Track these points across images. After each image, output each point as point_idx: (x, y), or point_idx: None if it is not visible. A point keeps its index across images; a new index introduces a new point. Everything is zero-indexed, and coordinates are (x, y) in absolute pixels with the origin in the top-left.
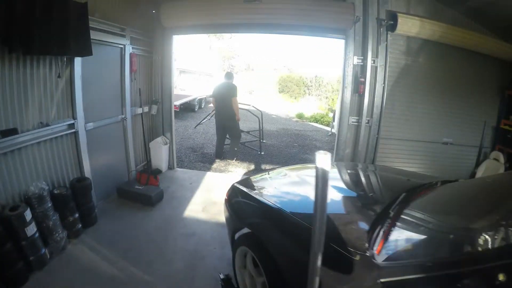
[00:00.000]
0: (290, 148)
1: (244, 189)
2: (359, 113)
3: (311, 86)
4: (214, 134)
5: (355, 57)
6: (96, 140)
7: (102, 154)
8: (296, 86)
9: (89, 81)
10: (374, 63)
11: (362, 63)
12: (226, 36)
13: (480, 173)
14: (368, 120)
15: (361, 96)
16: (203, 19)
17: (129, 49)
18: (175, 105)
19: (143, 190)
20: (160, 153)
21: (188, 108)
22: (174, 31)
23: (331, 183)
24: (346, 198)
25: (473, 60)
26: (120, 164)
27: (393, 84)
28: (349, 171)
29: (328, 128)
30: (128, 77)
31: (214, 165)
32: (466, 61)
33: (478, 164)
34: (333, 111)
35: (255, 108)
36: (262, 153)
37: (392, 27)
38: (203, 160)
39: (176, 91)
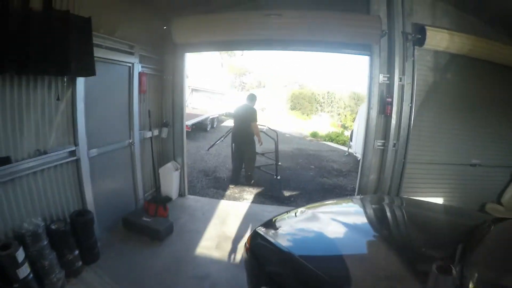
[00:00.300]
0: (307, 170)
1: (269, 237)
2: (385, 136)
3: (323, 102)
4: (227, 156)
5: (381, 75)
6: (100, 167)
7: (107, 183)
8: (308, 103)
9: (93, 103)
10: (401, 81)
11: (388, 82)
12: (238, 52)
13: (508, 194)
14: (395, 143)
15: (388, 117)
16: (218, 35)
17: (138, 68)
18: (186, 126)
19: (151, 223)
20: (171, 180)
21: (200, 128)
22: (187, 48)
23: (362, 227)
24: (391, 255)
25: (502, 74)
26: (127, 193)
27: (421, 104)
28: (379, 211)
29: (344, 148)
30: (136, 98)
31: (228, 192)
32: (495, 76)
33: None
34: (351, 130)
35: (270, 128)
36: (279, 177)
37: (420, 42)
38: (216, 186)
39: (187, 110)
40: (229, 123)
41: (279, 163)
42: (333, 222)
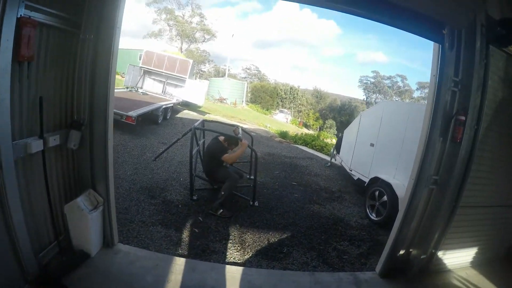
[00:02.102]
0: (289, 189)
1: None
2: (439, 169)
3: (285, 98)
4: (182, 162)
5: (450, 79)
6: None
7: None
8: (269, 97)
9: None
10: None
11: (456, 89)
12: (199, 39)
13: None
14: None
15: (455, 144)
16: None
17: (16, 9)
18: (131, 117)
19: None
20: (85, 223)
21: (148, 120)
22: None
23: None
24: None
25: None
26: None
27: (487, 126)
28: None
29: (323, 156)
30: (8, 71)
31: (185, 235)
32: None
33: None
34: (338, 138)
35: (244, 131)
36: (256, 203)
37: (505, 40)
38: (166, 220)
39: (134, 95)
40: (186, 114)
41: (251, 177)
42: None
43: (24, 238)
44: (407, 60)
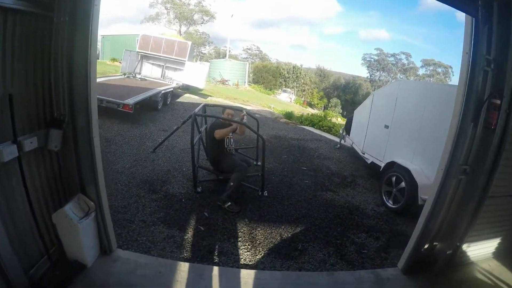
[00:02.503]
0: (299, 175)
1: None
2: (468, 158)
3: (288, 77)
4: (184, 150)
5: (483, 57)
6: None
7: None
8: (272, 77)
9: None
10: None
11: (489, 68)
12: (198, 21)
13: None
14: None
15: (487, 131)
16: None
17: None
18: (127, 105)
19: None
20: (77, 233)
21: (147, 106)
22: None
23: None
24: None
25: None
26: None
27: None
28: None
29: (331, 137)
30: None
31: (189, 235)
32: None
33: None
34: (348, 118)
35: (249, 115)
36: (265, 193)
37: None
38: (168, 219)
39: (132, 81)
40: (187, 98)
41: (258, 163)
42: None
43: (9, 256)
44: (410, 37)
